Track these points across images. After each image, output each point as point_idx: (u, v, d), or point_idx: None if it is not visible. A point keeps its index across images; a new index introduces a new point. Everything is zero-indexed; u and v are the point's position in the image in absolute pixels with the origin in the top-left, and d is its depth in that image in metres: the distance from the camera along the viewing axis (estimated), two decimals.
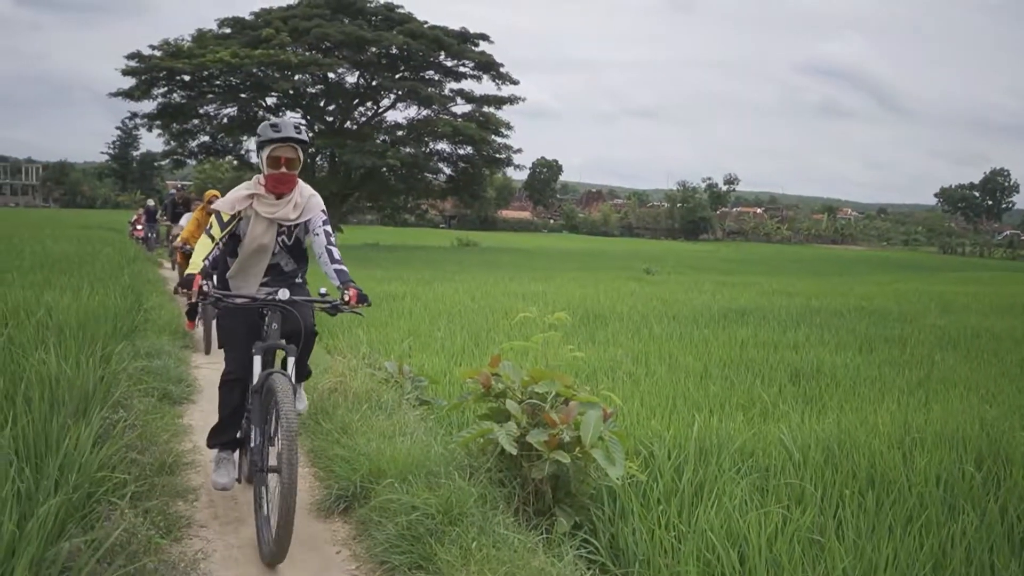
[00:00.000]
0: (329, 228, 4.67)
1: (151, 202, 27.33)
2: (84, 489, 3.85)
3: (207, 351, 9.12)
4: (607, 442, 4.19)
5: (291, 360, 4.34)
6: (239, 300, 4.38)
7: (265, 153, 4.45)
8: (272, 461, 4.07)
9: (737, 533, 3.97)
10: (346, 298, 4.34)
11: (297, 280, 4.81)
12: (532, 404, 4.51)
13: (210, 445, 4.70)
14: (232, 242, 4.62)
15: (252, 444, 4.23)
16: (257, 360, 4.30)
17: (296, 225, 4.65)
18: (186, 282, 4.21)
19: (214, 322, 9.12)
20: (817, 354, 9.56)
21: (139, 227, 26.59)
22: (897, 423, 5.98)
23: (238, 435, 4.67)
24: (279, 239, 4.63)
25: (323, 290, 4.51)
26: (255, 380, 4.26)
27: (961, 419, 6.01)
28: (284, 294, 4.31)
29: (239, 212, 4.52)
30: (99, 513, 3.86)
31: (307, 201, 4.62)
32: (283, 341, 4.41)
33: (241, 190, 4.58)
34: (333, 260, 4.54)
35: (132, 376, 6.66)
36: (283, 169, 4.45)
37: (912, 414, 6.37)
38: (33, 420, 4.20)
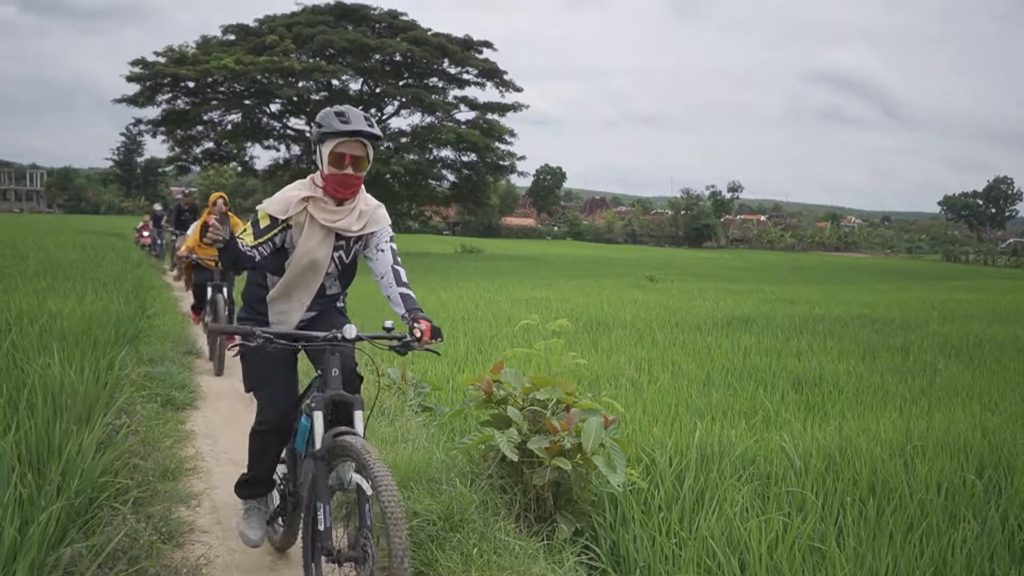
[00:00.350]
0: (395, 245, 3.93)
1: (158, 207, 26.21)
2: (86, 494, 3.86)
3: (218, 371, 8.52)
4: (608, 449, 4.20)
5: (358, 415, 3.48)
6: (275, 335, 3.45)
7: (327, 148, 3.63)
8: (346, 546, 3.28)
9: (738, 540, 3.97)
10: (417, 334, 3.56)
11: (339, 305, 4.10)
12: (534, 411, 4.52)
13: (241, 496, 4.04)
14: (276, 257, 3.77)
15: (320, 527, 3.28)
16: (318, 417, 3.44)
17: (357, 239, 3.87)
18: (209, 232, 3.47)
19: (225, 341, 8.66)
20: (820, 362, 9.56)
21: (145, 233, 25.76)
22: (899, 431, 5.98)
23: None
24: (335, 255, 3.84)
25: (388, 323, 3.65)
26: (317, 443, 3.39)
27: (963, 427, 6.01)
28: (351, 331, 3.48)
29: (289, 218, 3.70)
30: (101, 518, 3.87)
31: (373, 211, 3.85)
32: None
33: (293, 190, 3.75)
34: (399, 282, 3.78)
35: (135, 382, 6.67)
36: (348, 169, 3.64)
37: (914, 422, 6.37)
38: (36, 426, 4.22)
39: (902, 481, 4.83)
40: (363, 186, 3.82)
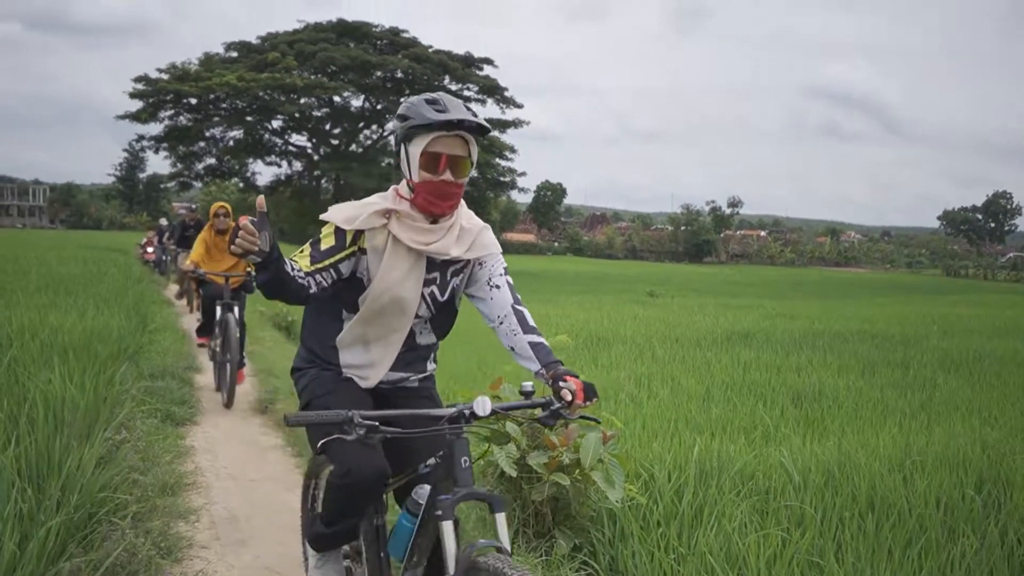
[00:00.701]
0: (511, 279, 2.99)
1: (164, 221, 24.76)
2: (86, 509, 3.87)
3: (228, 403, 7.61)
4: (607, 464, 4.20)
5: (500, 519, 2.46)
6: (380, 419, 2.43)
7: (416, 148, 2.70)
8: None
9: (736, 555, 3.97)
10: (568, 396, 2.55)
11: (431, 366, 3.20)
12: (532, 426, 4.52)
13: (315, 549, 3.09)
14: (346, 290, 2.85)
15: None
16: (448, 529, 2.43)
17: (457, 271, 2.97)
18: (239, 237, 2.32)
19: (240, 371, 7.83)
20: (819, 377, 9.56)
21: (149, 249, 24.88)
22: (898, 446, 5.99)
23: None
24: (426, 291, 2.91)
25: (528, 385, 2.63)
26: (450, 566, 2.39)
27: (962, 442, 6.02)
28: (485, 405, 2.48)
29: (361, 237, 2.81)
30: (100, 533, 3.88)
31: (479, 233, 2.93)
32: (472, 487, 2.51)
33: (374, 199, 2.84)
34: (527, 328, 2.83)
35: (135, 397, 6.68)
36: (447, 174, 2.71)
37: (913, 437, 6.38)
38: (36, 441, 4.23)
39: (901, 496, 4.83)
40: (463, 200, 2.90)
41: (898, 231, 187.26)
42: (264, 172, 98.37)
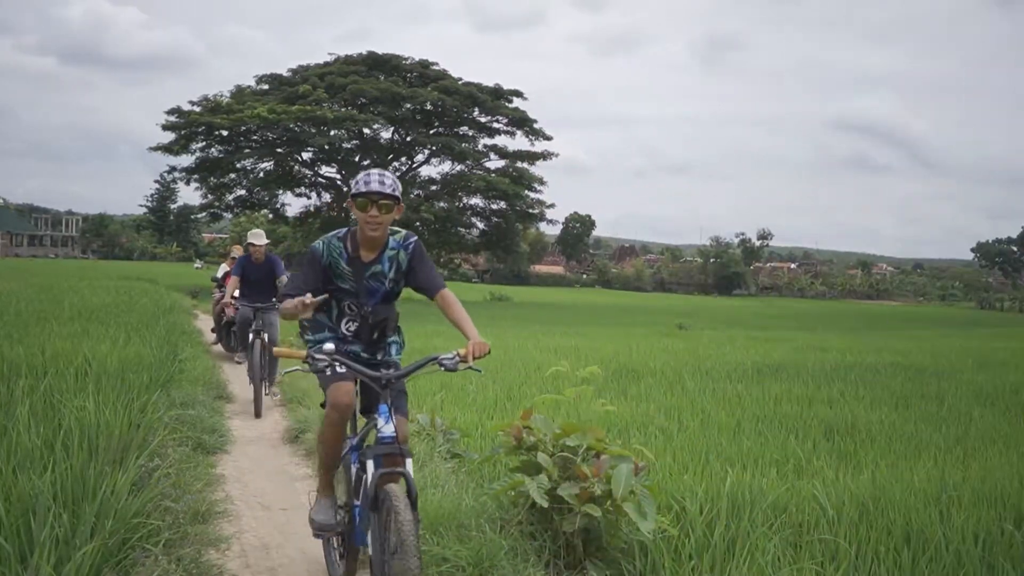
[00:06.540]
0: None
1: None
2: (120, 535, 3.90)
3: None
4: (639, 496, 4.18)
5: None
6: None
7: None
8: None
9: None
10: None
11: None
12: (563, 457, 4.51)
13: None
14: None
15: None
16: None
17: None
18: None
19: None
20: (852, 410, 9.46)
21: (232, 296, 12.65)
22: (934, 480, 5.89)
23: None
24: None
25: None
26: None
27: (1000, 476, 5.92)
28: None
29: None
30: (133, 559, 3.90)
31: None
32: None
33: None
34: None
35: (167, 425, 6.72)
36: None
37: (949, 471, 6.28)
38: (72, 467, 4.27)
39: (937, 531, 4.75)
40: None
41: (930, 263, 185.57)
42: (294, 203, 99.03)
